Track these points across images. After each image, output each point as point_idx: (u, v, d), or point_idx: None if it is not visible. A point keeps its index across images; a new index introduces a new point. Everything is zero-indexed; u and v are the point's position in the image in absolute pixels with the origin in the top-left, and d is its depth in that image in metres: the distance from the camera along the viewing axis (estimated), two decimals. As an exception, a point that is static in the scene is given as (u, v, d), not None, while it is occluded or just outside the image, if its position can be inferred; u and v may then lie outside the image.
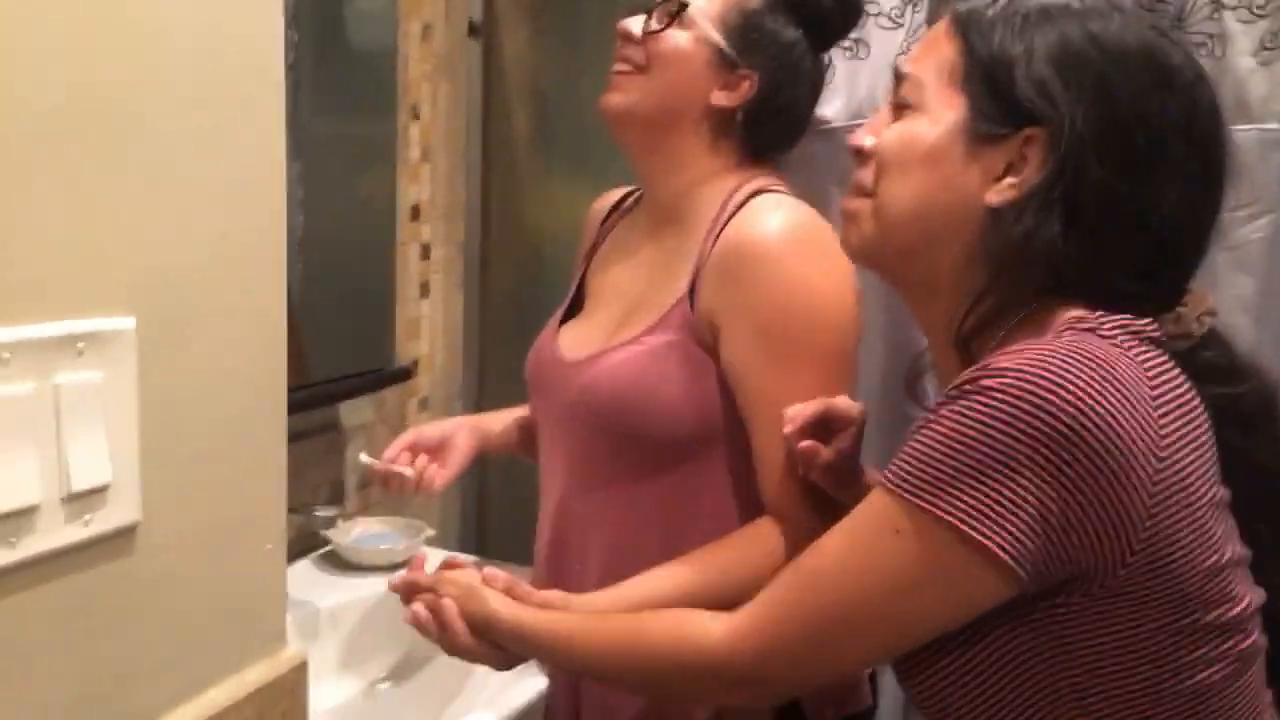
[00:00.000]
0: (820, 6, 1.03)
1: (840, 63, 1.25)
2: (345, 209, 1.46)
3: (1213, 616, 0.65)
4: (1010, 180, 0.69)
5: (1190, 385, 0.67)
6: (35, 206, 0.51)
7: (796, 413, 0.89)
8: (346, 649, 1.29)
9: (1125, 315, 0.67)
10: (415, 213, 1.58)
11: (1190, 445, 0.65)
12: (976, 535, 0.61)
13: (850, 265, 0.92)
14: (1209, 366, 0.70)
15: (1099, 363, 0.62)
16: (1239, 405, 0.71)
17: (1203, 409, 0.67)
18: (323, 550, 1.41)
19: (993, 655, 0.66)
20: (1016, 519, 0.61)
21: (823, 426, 0.90)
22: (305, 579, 1.34)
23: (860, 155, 0.75)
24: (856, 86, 1.28)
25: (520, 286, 1.73)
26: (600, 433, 1.01)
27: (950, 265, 0.71)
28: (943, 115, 0.71)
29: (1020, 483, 0.60)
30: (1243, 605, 0.67)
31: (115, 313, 0.56)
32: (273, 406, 0.68)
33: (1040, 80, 0.67)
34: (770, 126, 1.04)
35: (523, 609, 0.85)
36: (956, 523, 0.61)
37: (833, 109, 1.27)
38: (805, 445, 0.89)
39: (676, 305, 0.98)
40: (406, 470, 1.15)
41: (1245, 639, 0.68)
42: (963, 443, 0.61)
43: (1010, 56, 0.68)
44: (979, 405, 0.61)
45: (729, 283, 0.95)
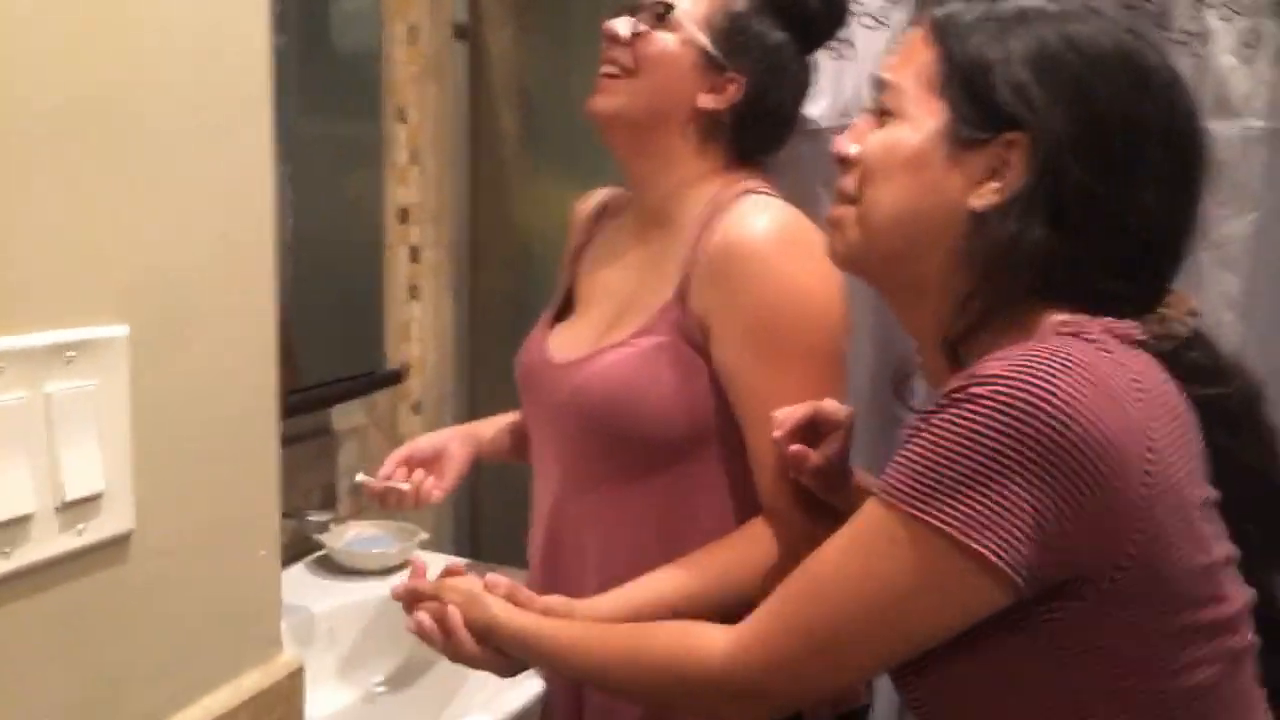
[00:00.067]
0: (806, 8, 1.03)
1: (825, 63, 1.25)
2: (334, 212, 1.45)
3: (1205, 616, 0.65)
4: (993, 184, 0.69)
5: (1176, 386, 0.68)
6: (27, 214, 0.52)
7: (785, 416, 0.89)
8: (341, 653, 1.29)
9: (1109, 318, 0.68)
10: (404, 215, 1.58)
11: (1178, 447, 0.65)
12: (972, 543, 0.61)
13: None
14: (1194, 367, 0.70)
15: (1086, 367, 0.62)
16: (1225, 405, 0.71)
17: (1189, 410, 0.68)
18: (316, 555, 1.41)
19: (987, 661, 0.66)
20: (1011, 526, 0.61)
21: (812, 429, 0.90)
22: (299, 584, 1.34)
23: (844, 163, 0.75)
24: (842, 87, 1.29)
25: (510, 288, 1.73)
26: (592, 434, 1.01)
27: (936, 270, 0.71)
28: (924, 122, 0.71)
29: (1013, 489, 0.60)
30: (1234, 604, 0.68)
31: (107, 320, 0.56)
32: (265, 412, 0.68)
33: (1019, 85, 0.68)
34: (757, 129, 1.04)
35: (525, 616, 0.85)
36: (952, 531, 0.61)
37: (819, 109, 1.28)
38: (794, 449, 0.89)
39: (666, 307, 0.99)
40: (403, 485, 1.16)
41: (1237, 638, 0.68)
42: (955, 451, 0.61)
43: (988, 61, 0.69)
44: (969, 413, 0.61)
45: (719, 284, 0.96)
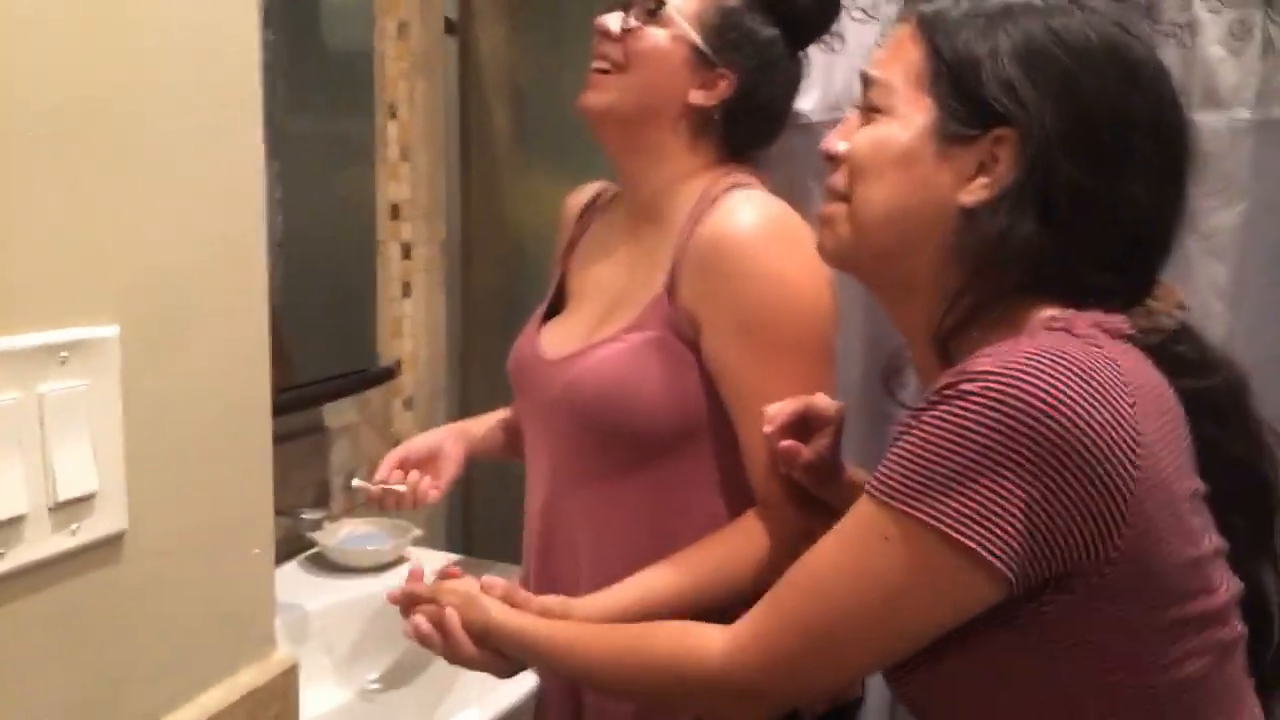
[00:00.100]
0: (797, 5, 1.03)
1: (816, 56, 1.25)
2: (325, 209, 1.45)
3: (1194, 608, 0.66)
4: (983, 180, 0.69)
5: (1164, 379, 0.68)
6: (21, 215, 0.51)
7: (776, 412, 0.89)
8: (336, 651, 1.29)
9: (1098, 312, 0.68)
10: (395, 212, 1.58)
11: (1167, 440, 0.65)
12: (963, 539, 0.61)
13: None
14: (1181, 359, 0.70)
15: (1075, 362, 0.62)
16: (1212, 397, 0.71)
17: (1177, 403, 0.68)
18: (309, 552, 1.41)
19: (978, 656, 0.67)
20: (1002, 522, 0.61)
21: (803, 425, 0.90)
22: (292, 582, 1.34)
23: (832, 160, 0.75)
24: (833, 80, 1.29)
25: (502, 284, 1.73)
26: (584, 431, 1.02)
27: (926, 266, 0.71)
28: (912, 119, 0.71)
29: (1003, 485, 0.61)
30: (1222, 596, 0.68)
31: (99, 321, 0.56)
32: (258, 410, 0.68)
33: (1007, 80, 0.68)
34: (748, 125, 1.04)
35: (522, 617, 0.85)
36: (943, 528, 0.62)
37: (809, 102, 1.28)
38: (785, 445, 0.90)
39: (656, 301, 0.99)
40: (401, 487, 1.16)
41: (1226, 629, 0.68)
42: (945, 448, 0.62)
43: (976, 57, 0.69)
44: (959, 410, 0.62)
45: (706, 278, 0.96)
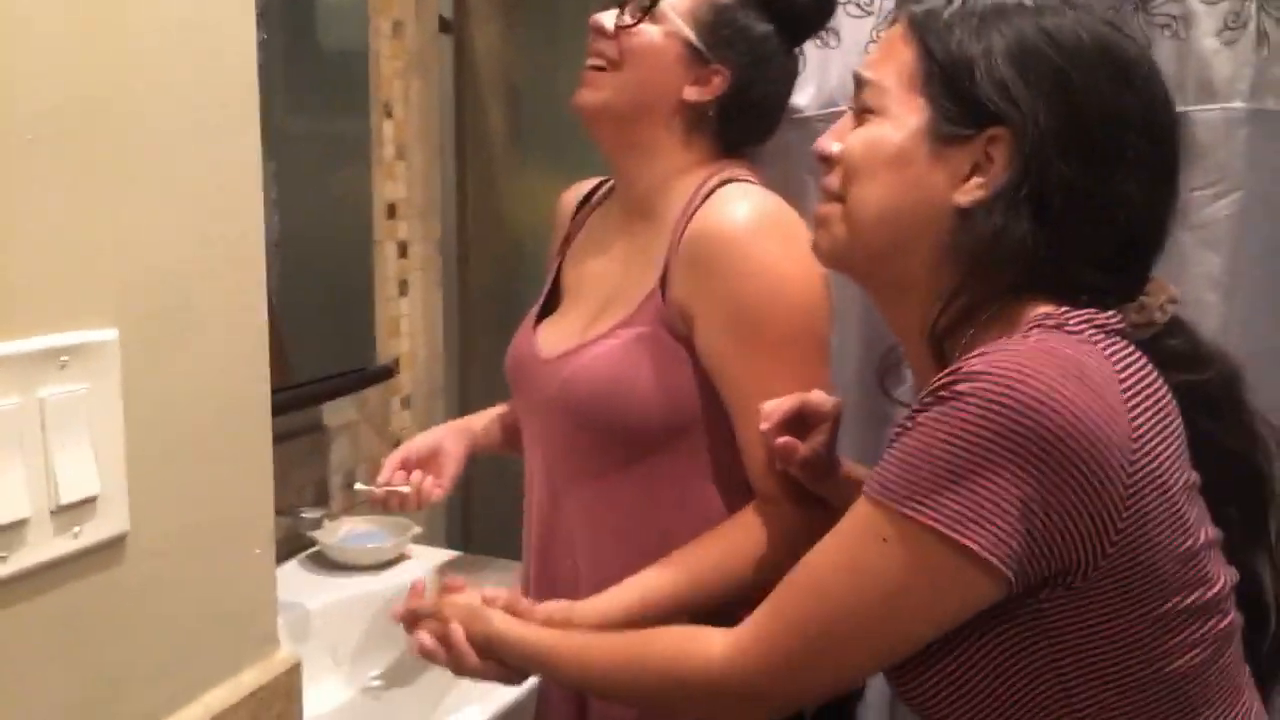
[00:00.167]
0: (793, 1, 1.03)
1: (811, 51, 1.25)
2: (321, 209, 1.45)
3: (1190, 600, 0.66)
4: (977, 180, 0.69)
5: (1157, 374, 0.68)
6: (20, 219, 0.51)
7: (773, 409, 0.90)
8: (337, 649, 1.29)
9: (1090, 309, 0.68)
10: (392, 210, 1.58)
11: (1161, 434, 0.66)
12: (961, 539, 0.62)
13: None
14: (1174, 354, 0.71)
15: (1068, 360, 0.62)
16: (1206, 390, 0.72)
17: (1170, 396, 0.68)
18: (309, 551, 1.41)
19: (978, 654, 0.67)
20: (999, 521, 0.61)
21: (799, 421, 0.90)
22: (293, 580, 1.34)
23: (826, 161, 0.75)
24: (828, 75, 1.29)
25: (499, 281, 1.73)
26: (580, 428, 1.02)
27: (921, 266, 0.72)
28: (906, 120, 0.71)
29: (1000, 484, 0.61)
30: (1218, 586, 0.68)
31: (98, 324, 0.56)
32: (258, 411, 0.68)
33: (1000, 80, 0.68)
34: (743, 121, 1.04)
35: (525, 627, 0.86)
36: (941, 528, 0.62)
37: (805, 98, 1.28)
38: (782, 441, 0.90)
39: (648, 297, 0.99)
40: (404, 488, 1.16)
41: (1222, 619, 0.69)
42: (941, 448, 0.62)
43: (969, 58, 0.69)
44: (954, 410, 0.62)
45: (699, 273, 0.96)
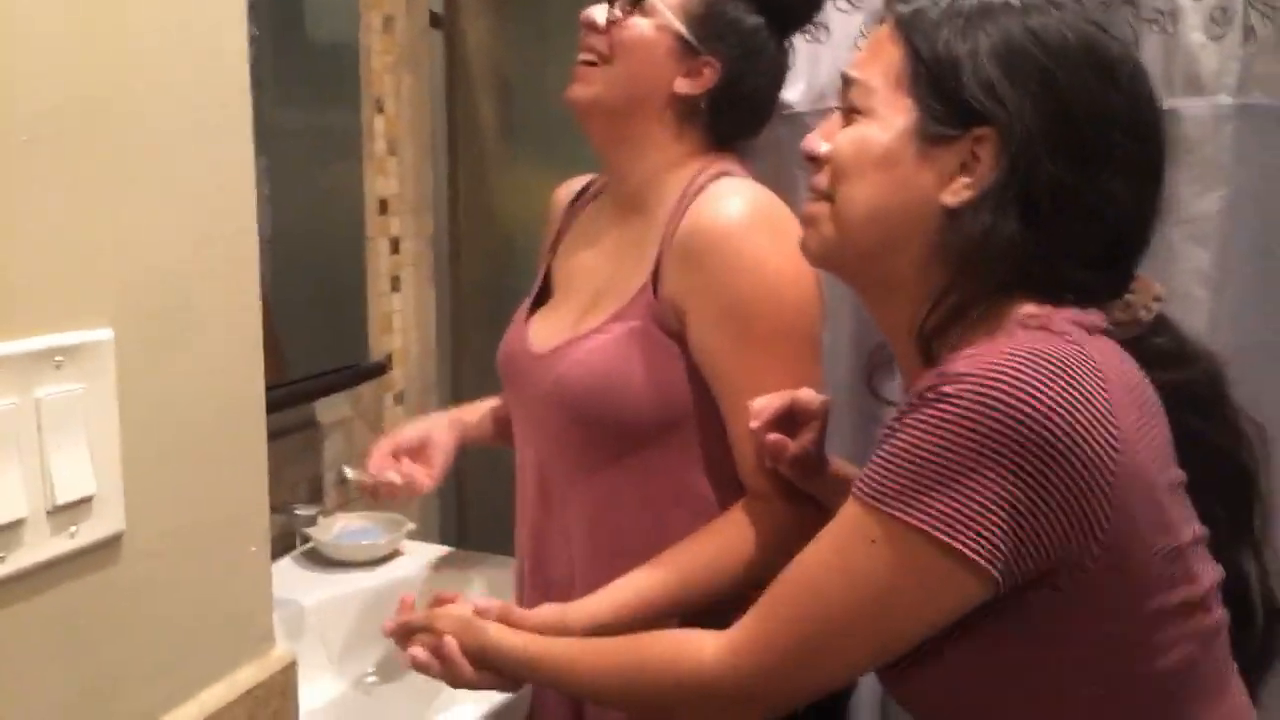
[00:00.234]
0: None
1: (800, 46, 1.25)
2: (313, 204, 1.45)
3: (1177, 597, 0.67)
4: (965, 180, 0.70)
5: (1142, 372, 0.69)
6: (15, 220, 0.52)
7: (762, 407, 0.90)
8: (332, 645, 1.30)
9: (1076, 308, 0.69)
10: (384, 206, 1.58)
11: (1146, 432, 0.66)
12: (950, 540, 0.62)
13: None
14: (1159, 352, 0.71)
15: (1053, 360, 0.63)
16: (1191, 389, 0.72)
17: (1155, 395, 0.69)
18: (304, 548, 1.42)
19: (968, 653, 0.67)
20: (987, 521, 0.62)
21: (788, 419, 0.91)
22: (288, 577, 1.34)
23: (814, 160, 0.76)
24: (818, 70, 1.29)
25: (491, 277, 1.73)
26: (573, 423, 1.02)
27: (910, 266, 0.72)
28: (893, 120, 0.71)
29: (987, 485, 0.61)
30: (1204, 583, 0.69)
31: (93, 324, 0.56)
32: (253, 409, 0.68)
33: (986, 80, 0.68)
34: (734, 114, 1.04)
35: (519, 636, 0.86)
36: (929, 529, 0.62)
37: (795, 93, 1.28)
38: (771, 439, 0.90)
39: (640, 292, 0.99)
40: (394, 477, 1.16)
41: (1208, 616, 0.69)
42: (928, 450, 0.63)
43: (955, 58, 0.69)
44: (940, 412, 0.63)
45: (691, 268, 0.96)
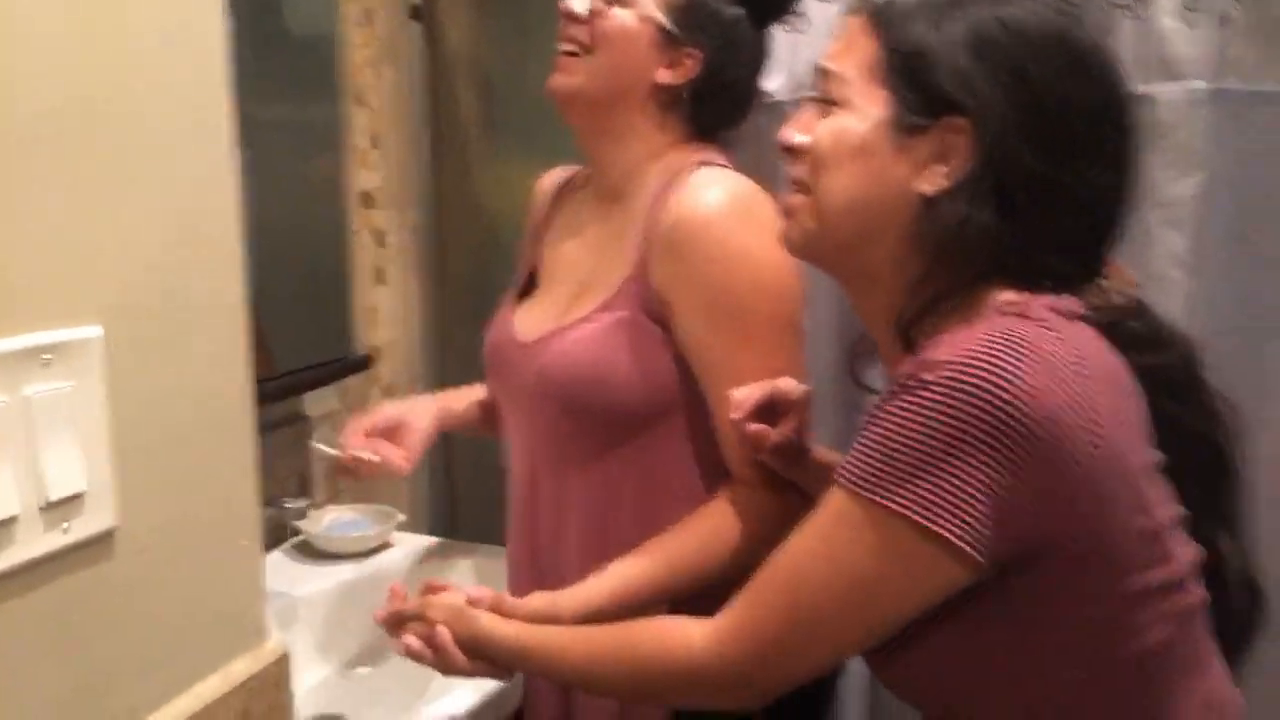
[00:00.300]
0: None
1: (780, 36, 1.25)
2: (296, 198, 1.45)
3: (1155, 577, 0.68)
4: (940, 169, 0.70)
5: (1118, 357, 0.70)
6: (5, 219, 0.52)
7: (743, 397, 0.91)
8: (324, 636, 1.30)
9: (1052, 295, 0.69)
10: (367, 200, 1.58)
11: (1122, 416, 0.67)
12: (931, 525, 0.63)
13: None
14: (1135, 336, 0.72)
15: (1031, 347, 0.64)
16: (1167, 373, 0.73)
17: (1131, 378, 0.70)
18: (295, 540, 1.42)
19: (952, 635, 0.68)
20: (968, 506, 0.63)
21: (770, 408, 0.92)
22: (279, 569, 1.35)
23: (791, 151, 0.76)
24: (798, 60, 1.29)
25: (476, 269, 1.73)
26: (561, 413, 1.03)
27: (888, 255, 0.73)
28: (868, 111, 0.72)
29: (967, 470, 0.62)
30: (1181, 564, 0.70)
31: (82, 322, 0.56)
32: (241, 404, 0.69)
33: (959, 70, 0.69)
34: (715, 103, 1.05)
35: (511, 625, 0.87)
36: (911, 514, 0.63)
37: (776, 83, 1.29)
38: (753, 429, 0.91)
39: (626, 281, 1.00)
40: (373, 456, 1.13)
41: (1187, 596, 0.71)
42: (908, 436, 0.64)
43: (928, 48, 0.70)
44: (920, 399, 0.64)
45: (674, 258, 0.97)
